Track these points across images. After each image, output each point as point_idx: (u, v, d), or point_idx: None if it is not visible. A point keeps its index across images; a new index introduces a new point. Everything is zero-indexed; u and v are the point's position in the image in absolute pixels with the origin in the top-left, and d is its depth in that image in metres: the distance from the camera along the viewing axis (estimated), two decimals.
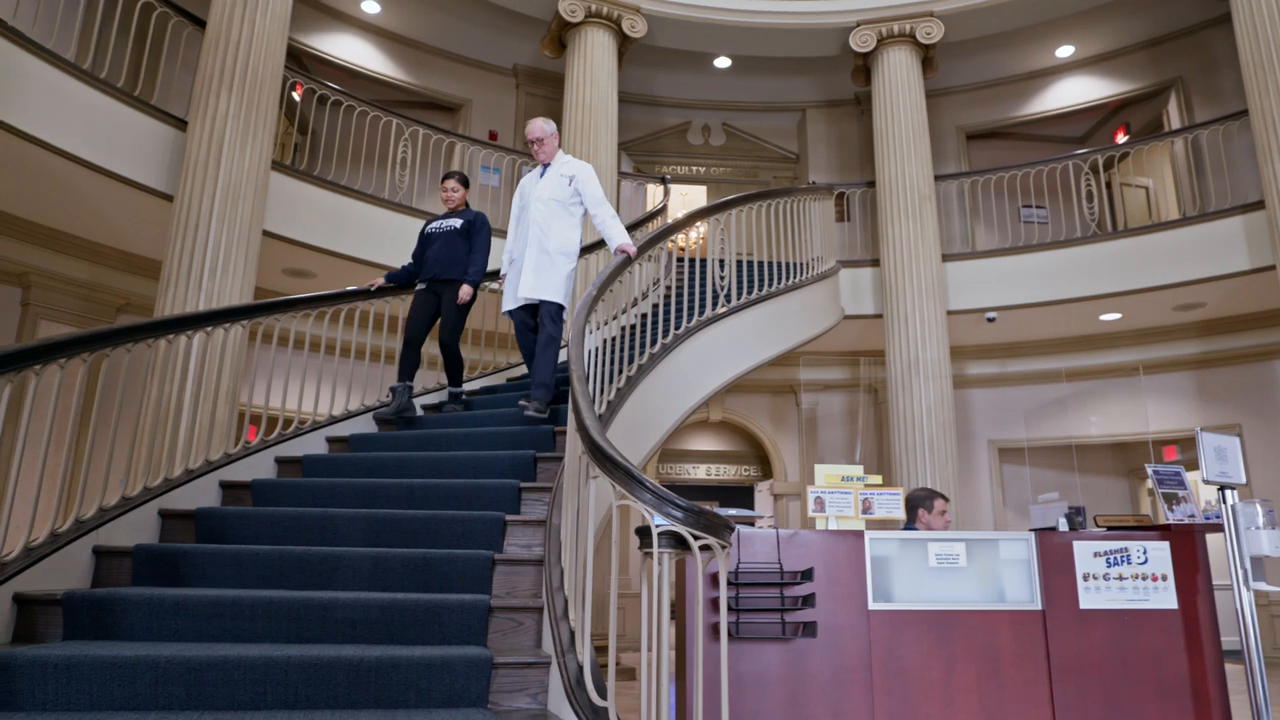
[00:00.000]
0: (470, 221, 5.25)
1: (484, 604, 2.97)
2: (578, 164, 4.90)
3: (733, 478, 12.57)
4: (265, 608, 2.86)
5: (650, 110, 11.72)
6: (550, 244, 4.67)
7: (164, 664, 2.45)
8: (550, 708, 2.70)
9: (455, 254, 5.15)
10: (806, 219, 7.10)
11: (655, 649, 2.59)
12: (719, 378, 5.32)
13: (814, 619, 3.50)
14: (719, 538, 2.65)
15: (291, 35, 9.41)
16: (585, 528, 2.80)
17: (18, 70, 5.53)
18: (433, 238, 5.27)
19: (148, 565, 3.20)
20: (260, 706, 2.48)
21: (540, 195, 4.76)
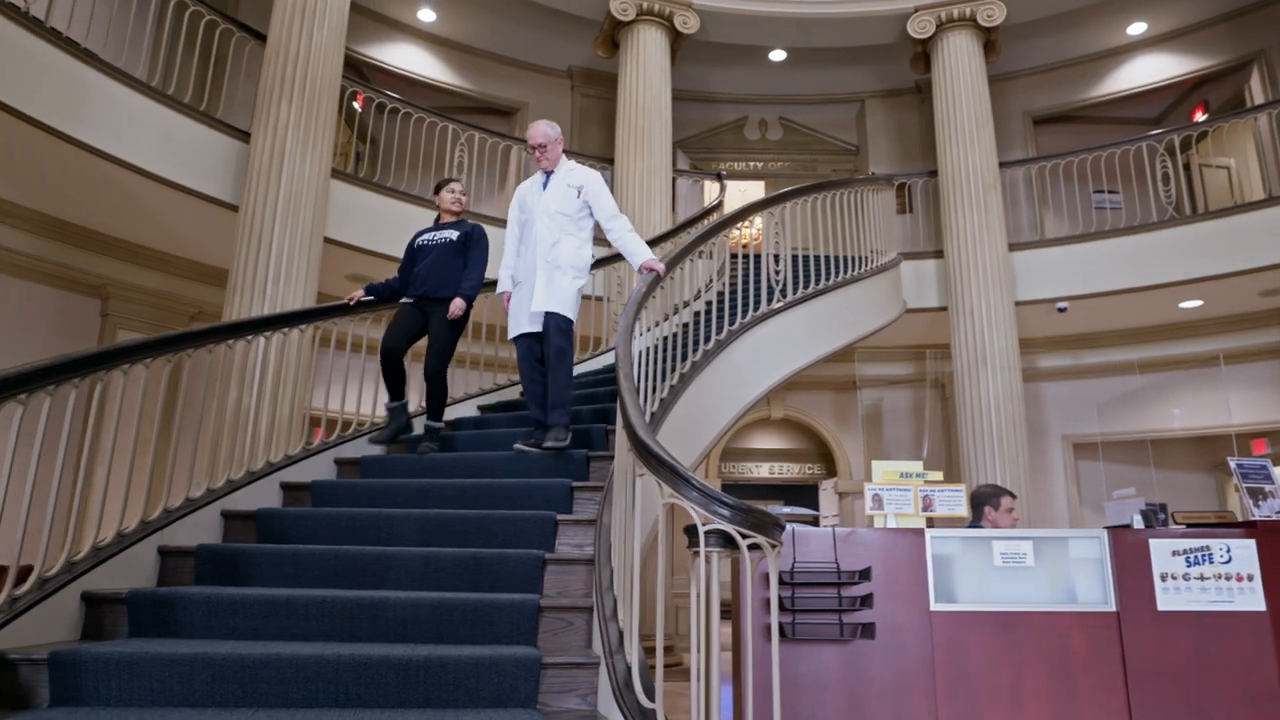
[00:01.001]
0: (468, 234, 4.71)
1: (533, 604, 2.96)
2: (585, 172, 4.38)
3: (796, 476, 12.40)
4: (319, 607, 2.89)
5: (706, 107, 11.64)
6: (559, 259, 4.19)
7: (220, 661, 2.50)
8: (600, 709, 2.67)
9: (449, 270, 4.61)
10: (865, 211, 6.95)
11: (704, 650, 2.54)
12: (774, 375, 5.23)
13: (872, 620, 3.39)
14: (768, 536, 2.58)
15: (352, 47, 9.63)
16: (632, 527, 2.76)
17: (91, 89, 5.75)
18: (424, 251, 4.73)
19: (209, 565, 3.27)
20: (312, 704, 2.51)
21: (545, 209, 4.24)
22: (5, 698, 2.46)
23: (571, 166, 4.39)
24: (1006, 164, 8.95)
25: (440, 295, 4.58)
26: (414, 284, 4.67)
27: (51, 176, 6.16)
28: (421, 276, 4.65)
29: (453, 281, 4.60)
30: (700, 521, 2.52)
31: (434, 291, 4.60)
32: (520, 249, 4.35)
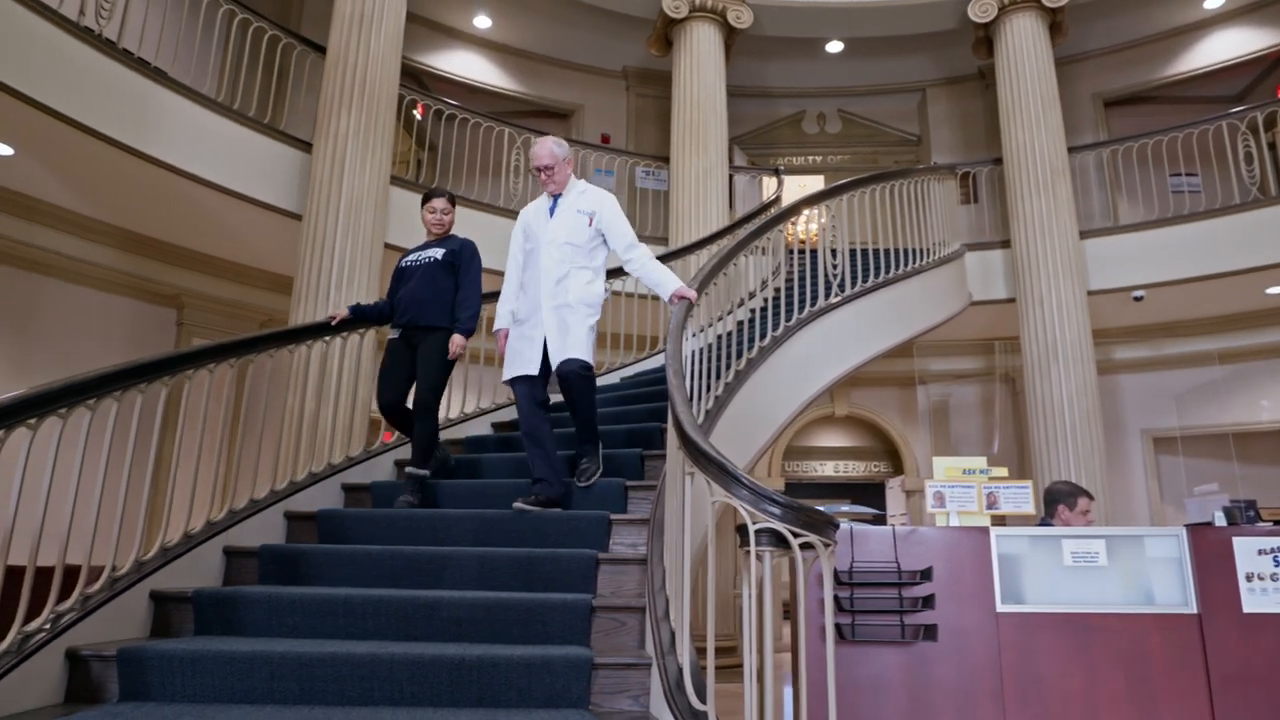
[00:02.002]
0: (455, 251, 4.16)
1: (586, 603, 2.95)
2: (598, 195, 3.89)
3: (862, 474, 12.18)
4: (375, 606, 2.93)
5: (763, 102, 11.53)
6: (570, 296, 3.71)
7: (278, 659, 2.54)
8: (652, 710, 2.64)
9: (436, 293, 4.06)
10: (926, 201, 6.77)
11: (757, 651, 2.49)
12: (831, 372, 5.12)
13: (934, 621, 3.29)
14: (821, 535, 2.52)
15: (410, 56, 9.81)
16: (682, 526, 2.72)
17: (161, 107, 5.96)
18: (408, 274, 4.17)
19: (272, 564, 3.35)
20: (367, 702, 2.54)
21: (553, 238, 3.74)
22: (78, 692, 2.55)
23: (583, 189, 3.89)
24: (1076, 149, 8.62)
25: (427, 322, 4.02)
26: (398, 311, 4.12)
27: (127, 192, 6.41)
28: (405, 302, 4.08)
29: (440, 307, 4.04)
30: (750, 520, 2.48)
31: (420, 318, 4.03)
32: (524, 280, 3.85)
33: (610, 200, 3.86)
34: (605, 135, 10.99)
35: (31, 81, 5.13)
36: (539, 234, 3.78)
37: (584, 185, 3.89)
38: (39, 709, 2.41)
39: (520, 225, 3.92)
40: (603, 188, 9.61)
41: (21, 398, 2.46)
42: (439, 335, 4.02)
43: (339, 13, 6.87)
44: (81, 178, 6.21)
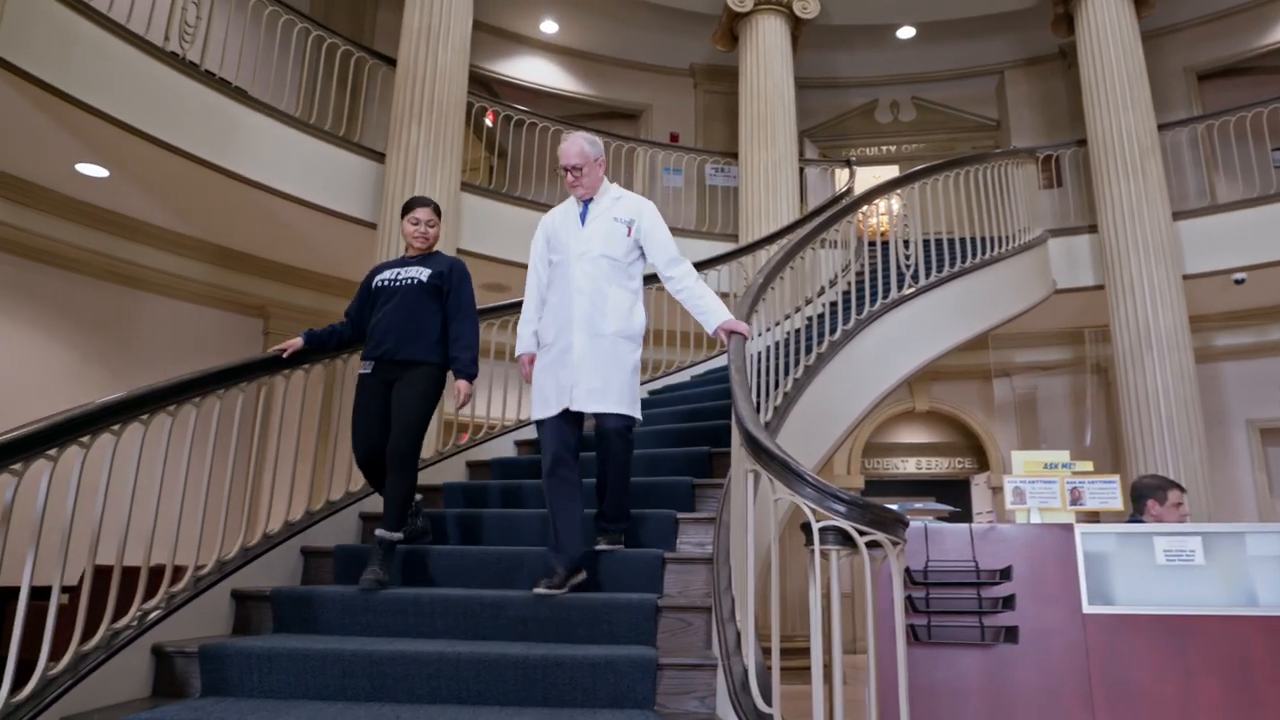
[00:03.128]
0: (444, 274, 3.48)
1: (651, 603, 2.93)
2: (635, 201, 3.35)
3: (945, 471, 11.83)
4: (443, 605, 2.97)
5: (833, 93, 11.32)
6: (608, 325, 3.15)
7: (349, 657, 2.60)
8: (718, 712, 2.60)
9: (419, 322, 3.39)
10: (1005, 187, 6.53)
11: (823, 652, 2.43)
12: (904, 367, 4.98)
13: (1015, 623, 3.15)
14: (889, 533, 2.44)
15: (479, 64, 9.97)
16: (745, 525, 2.68)
17: (242, 125, 6.20)
18: (384, 294, 3.47)
19: (347, 564, 3.43)
20: (435, 700, 2.57)
21: (586, 250, 3.21)
22: (164, 687, 2.66)
23: (617, 194, 3.35)
24: (1166, 126, 8.19)
25: (409, 356, 3.35)
26: (371, 340, 3.43)
27: (214, 208, 6.69)
28: (382, 331, 3.39)
29: (425, 338, 3.39)
30: (814, 518, 2.42)
31: (401, 351, 3.35)
32: (550, 298, 3.28)
33: (650, 207, 3.35)
34: (674, 134, 10.97)
35: (122, 106, 5.40)
36: (567, 244, 3.24)
37: (618, 190, 3.37)
38: (128, 702, 2.52)
39: (542, 233, 3.37)
40: (671, 186, 9.70)
41: (112, 402, 2.58)
42: (422, 370, 3.35)
43: (407, 26, 7.03)
44: (172, 196, 6.51)
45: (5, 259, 6.22)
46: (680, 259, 3.33)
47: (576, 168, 3.25)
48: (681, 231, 8.67)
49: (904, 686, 2.37)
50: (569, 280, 3.20)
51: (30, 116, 5.37)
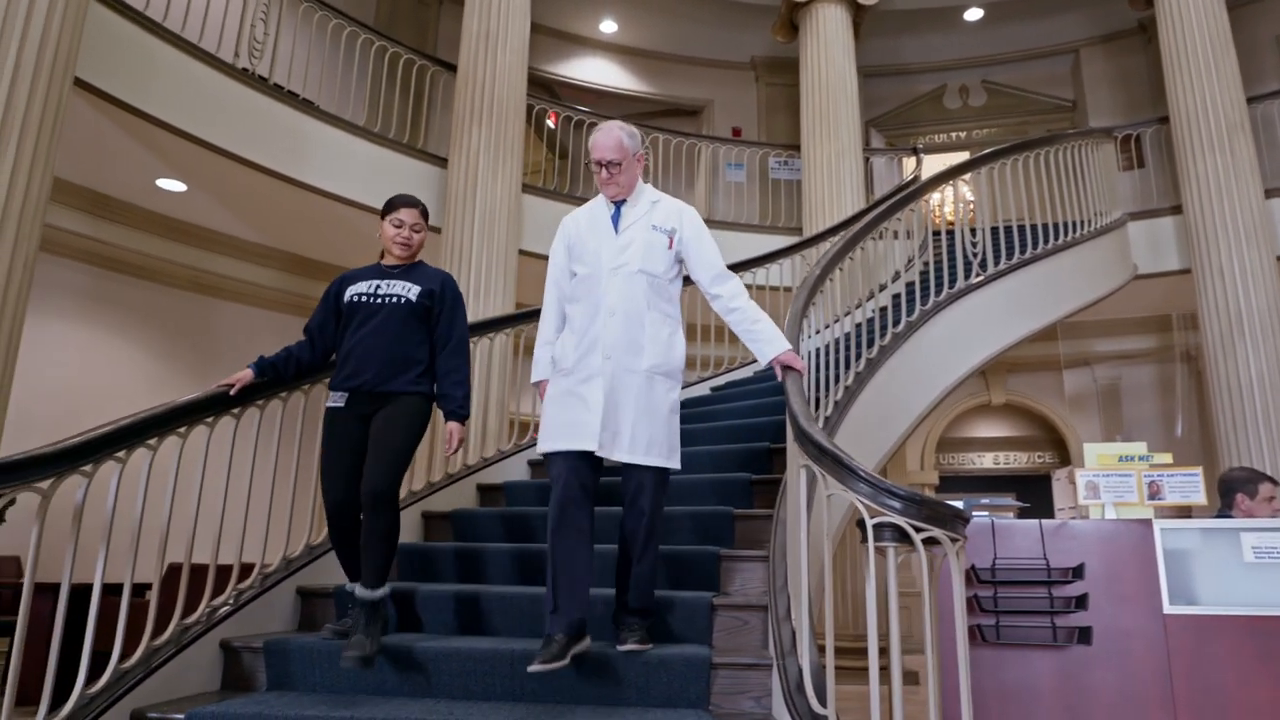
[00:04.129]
0: (435, 293, 2.95)
1: (706, 602, 2.89)
2: (676, 206, 2.85)
3: (1025, 465, 11.44)
4: (499, 602, 3.00)
5: (899, 80, 11.07)
6: (643, 359, 2.63)
7: (405, 654, 2.64)
8: (775, 712, 2.56)
9: (403, 349, 2.86)
10: (1081, 169, 6.27)
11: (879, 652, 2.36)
12: (972, 359, 4.82)
13: (1089, 624, 3.01)
14: (948, 530, 2.36)
15: (540, 67, 10.07)
16: (799, 521, 2.62)
17: (310, 136, 6.38)
18: (361, 312, 2.90)
19: (408, 562, 3.49)
20: (489, 697, 2.59)
21: (621, 263, 2.69)
22: (232, 681, 2.74)
23: (655, 197, 2.84)
24: (1256, 98, 7.73)
25: (391, 388, 2.83)
26: (343, 368, 2.87)
27: (286, 217, 6.91)
28: (359, 358, 2.84)
29: (410, 367, 2.86)
30: (868, 514, 2.36)
31: (382, 382, 2.82)
32: (573, 314, 2.75)
33: (693, 213, 2.85)
34: (736, 128, 10.89)
35: (197, 122, 5.61)
36: (598, 255, 2.71)
37: (654, 192, 2.85)
38: (196, 695, 2.61)
39: (563, 239, 2.84)
40: (733, 181, 9.61)
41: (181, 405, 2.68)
42: (405, 401, 2.82)
43: (467, 32, 7.13)
44: (246, 207, 6.74)
45: (92, 271, 6.55)
46: (729, 274, 2.82)
47: (613, 163, 2.71)
48: (745, 227, 8.61)
49: (966, 689, 2.28)
50: (598, 298, 2.66)
51: (113, 135, 5.63)
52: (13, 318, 3.80)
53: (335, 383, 2.88)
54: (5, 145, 3.77)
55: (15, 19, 3.86)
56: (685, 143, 8.88)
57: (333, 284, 3.02)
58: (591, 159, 2.77)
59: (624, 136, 2.75)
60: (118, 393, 6.48)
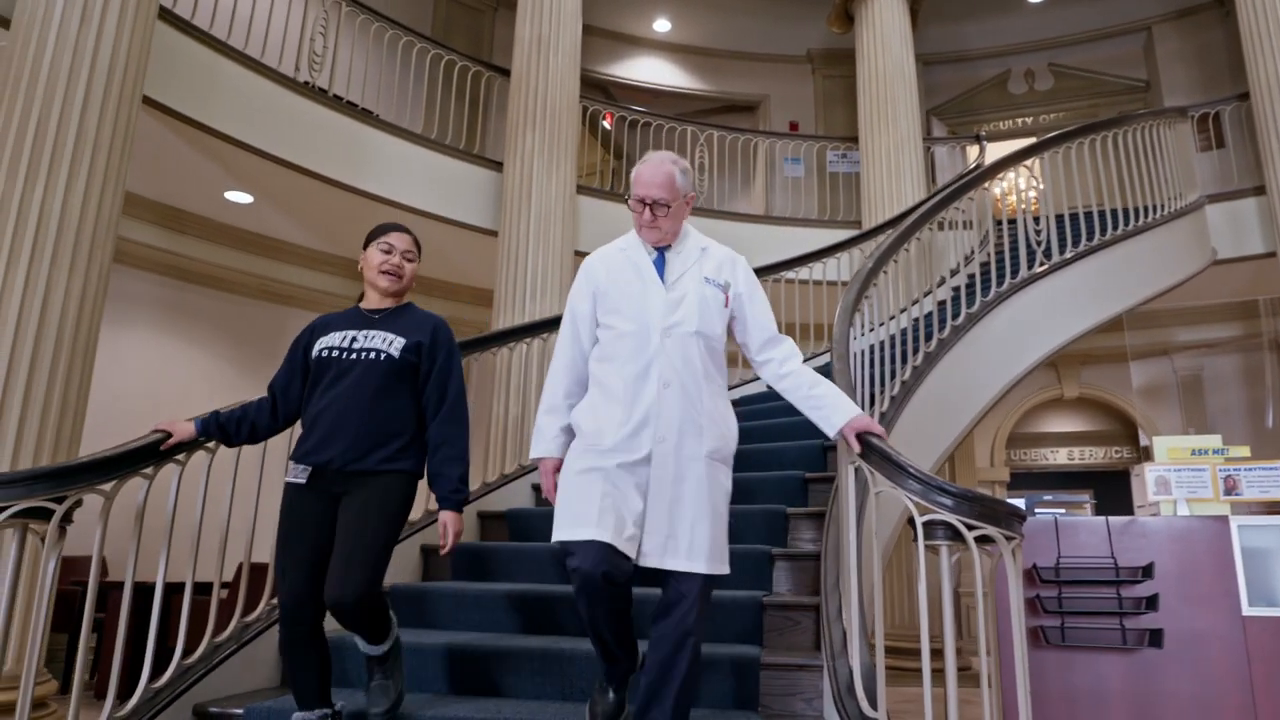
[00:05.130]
0: (425, 345, 2.41)
1: (756, 601, 2.86)
2: (728, 254, 2.37)
3: (1101, 461, 11.02)
4: (551, 601, 3.01)
5: (961, 67, 10.79)
6: (704, 442, 2.15)
7: (457, 652, 2.68)
8: (825, 714, 2.51)
9: (386, 416, 2.34)
10: (1153, 151, 6.01)
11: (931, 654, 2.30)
12: (1038, 349, 4.66)
13: (1159, 625, 2.88)
14: (1002, 528, 2.29)
15: (595, 68, 10.12)
16: (848, 519, 2.57)
17: (370, 145, 6.53)
18: (330, 369, 2.38)
19: (464, 561, 3.53)
20: (539, 696, 2.61)
21: (676, 322, 2.19)
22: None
23: (704, 243, 2.36)
24: None
25: (369, 466, 2.28)
26: (308, 437, 2.33)
27: (348, 225, 7.07)
28: (327, 427, 2.30)
29: (391, 439, 2.31)
30: (918, 512, 2.29)
31: (351, 460, 2.28)
32: (600, 381, 2.23)
33: (745, 265, 2.39)
34: (793, 122, 10.76)
35: (262, 135, 5.79)
36: (643, 309, 2.21)
37: (699, 235, 2.38)
38: (256, 691, 2.69)
39: (588, 283, 2.31)
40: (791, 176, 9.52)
41: None
42: (383, 483, 2.28)
43: (519, 37, 7.20)
44: (310, 216, 6.93)
45: (164, 281, 6.81)
46: (782, 335, 2.35)
47: (660, 203, 2.22)
48: (803, 221, 8.49)
49: (1024, 692, 2.21)
50: (645, 363, 2.16)
51: (182, 151, 5.85)
52: (89, 326, 3.97)
53: (297, 454, 2.31)
54: (79, 163, 3.95)
55: (86, 43, 4.03)
56: (741, 139, 8.81)
57: (303, 332, 2.48)
58: (633, 195, 2.24)
59: (677, 173, 2.25)
60: (193, 398, 6.72)
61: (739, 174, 9.26)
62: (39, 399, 3.68)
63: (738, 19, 10.39)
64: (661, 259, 2.30)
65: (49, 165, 3.86)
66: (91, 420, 4.26)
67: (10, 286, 3.70)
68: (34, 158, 3.84)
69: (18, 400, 3.62)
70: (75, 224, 3.90)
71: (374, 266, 2.46)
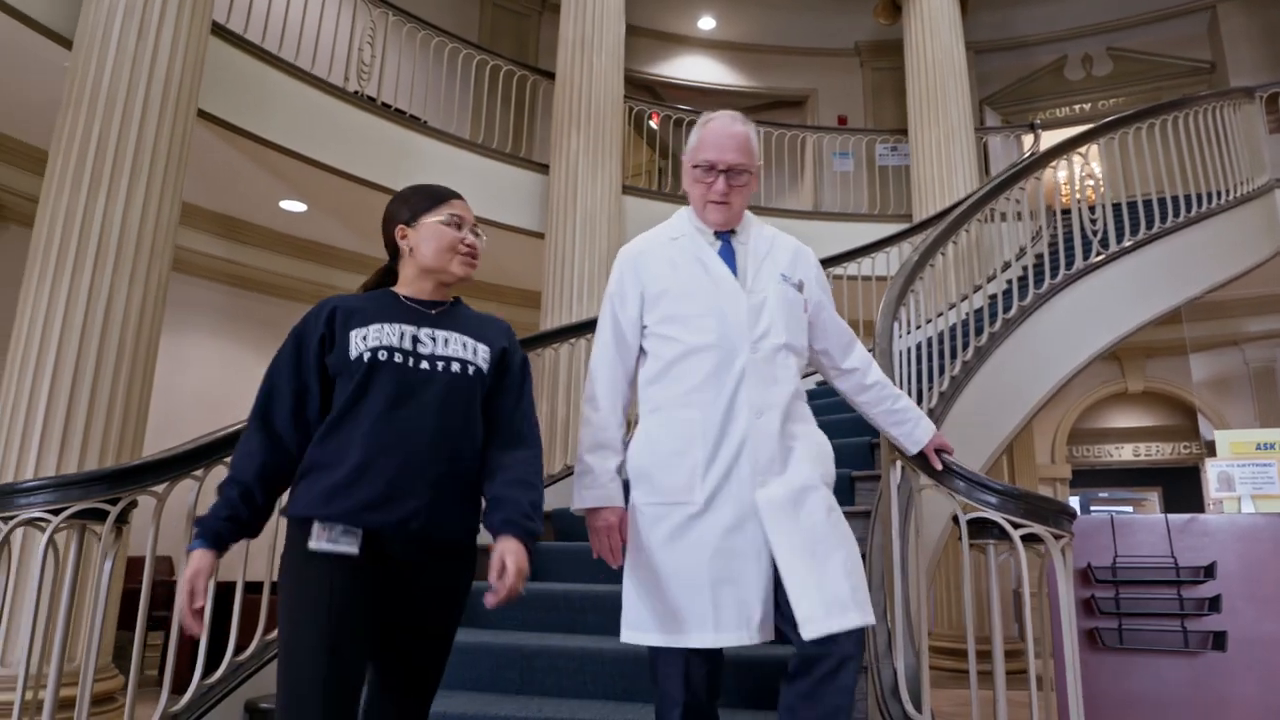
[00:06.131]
0: (507, 351, 1.75)
1: None
2: (796, 245, 1.97)
3: (1169, 457, 10.66)
4: (594, 602, 3.02)
5: (1015, 55, 10.53)
6: (815, 469, 1.76)
7: (500, 651, 2.70)
8: (869, 717, 2.47)
9: (475, 452, 1.66)
10: (1219, 134, 5.78)
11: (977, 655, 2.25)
12: (1095, 342, 4.51)
13: (1223, 627, 2.77)
14: (1050, 526, 2.24)
15: (640, 68, 10.13)
16: (890, 517, 2.53)
17: (420, 152, 6.63)
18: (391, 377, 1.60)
19: None
20: (581, 695, 2.62)
21: (761, 331, 1.78)
22: None
23: (769, 232, 1.94)
24: None
25: (454, 536, 1.61)
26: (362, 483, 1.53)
27: None
28: (396, 466, 1.55)
29: (473, 491, 1.65)
30: (961, 510, 2.25)
31: (440, 522, 1.57)
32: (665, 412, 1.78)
33: (812, 254, 1.99)
34: (842, 116, 10.62)
35: (314, 145, 5.92)
36: (723, 316, 1.77)
37: (759, 220, 1.96)
38: None
39: (635, 282, 1.85)
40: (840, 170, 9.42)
41: None
42: (468, 560, 1.66)
43: (563, 39, 7.24)
44: (362, 223, 7.07)
45: (222, 289, 7.02)
46: (854, 337, 2.01)
47: (740, 170, 1.81)
48: (853, 216, 8.37)
49: (1076, 696, 2.15)
50: (733, 389, 1.72)
51: (238, 162, 6.01)
52: (150, 332, 4.11)
53: (336, 507, 1.49)
54: (137, 175, 4.09)
55: (142, 60, 4.17)
56: (789, 134, 8.73)
57: (309, 320, 1.68)
58: (697, 160, 1.82)
59: (751, 133, 1.85)
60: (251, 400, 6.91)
61: (786, 170, 9.17)
62: (103, 403, 3.82)
63: (783, 13, 10.30)
64: (728, 249, 1.84)
65: (110, 178, 4.00)
66: (155, 423, 4.40)
67: (75, 295, 3.85)
68: (95, 171, 3.99)
69: (83, 405, 3.76)
70: (135, 234, 4.03)
71: (442, 245, 1.72)
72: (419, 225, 1.76)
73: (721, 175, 1.81)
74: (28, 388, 3.72)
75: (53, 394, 3.72)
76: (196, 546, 1.53)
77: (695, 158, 1.84)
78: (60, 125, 4.12)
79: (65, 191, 3.95)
